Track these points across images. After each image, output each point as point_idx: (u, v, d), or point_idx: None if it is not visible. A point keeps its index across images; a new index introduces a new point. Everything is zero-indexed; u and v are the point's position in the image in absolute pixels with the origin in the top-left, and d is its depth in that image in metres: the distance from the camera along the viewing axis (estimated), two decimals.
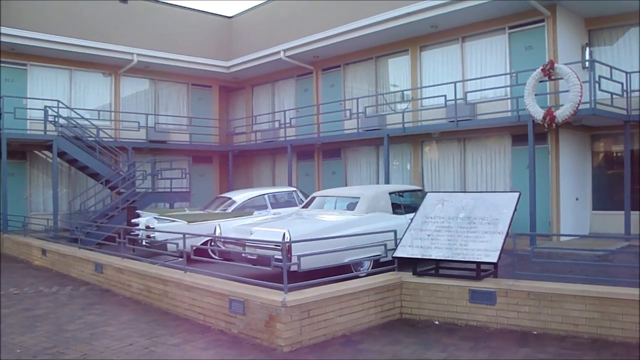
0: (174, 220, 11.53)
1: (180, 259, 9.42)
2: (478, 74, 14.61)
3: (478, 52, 14.84)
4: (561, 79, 11.81)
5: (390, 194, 10.54)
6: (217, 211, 12.68)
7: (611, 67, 12.25)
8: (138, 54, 17.71)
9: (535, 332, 6.11)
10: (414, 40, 15.97)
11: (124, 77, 18.76)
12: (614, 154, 14.39)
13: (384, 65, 17.20)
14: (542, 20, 13.33)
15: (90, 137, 15.95)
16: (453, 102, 13.84)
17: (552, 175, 13.18)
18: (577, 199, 13.76)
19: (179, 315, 7.20)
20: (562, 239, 12.53)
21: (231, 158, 19.75)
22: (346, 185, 17.67)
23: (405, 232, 7.30)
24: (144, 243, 11.40)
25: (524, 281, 6.40)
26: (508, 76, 13.86)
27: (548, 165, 13.22)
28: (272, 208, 13.01)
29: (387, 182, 15.32)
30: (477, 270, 6.58)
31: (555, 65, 11.66)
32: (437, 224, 7.10)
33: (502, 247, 6.43)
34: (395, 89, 16.71)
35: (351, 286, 6.36)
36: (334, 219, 9.67)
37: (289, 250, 8.28)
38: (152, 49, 18.04)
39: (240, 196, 13.07)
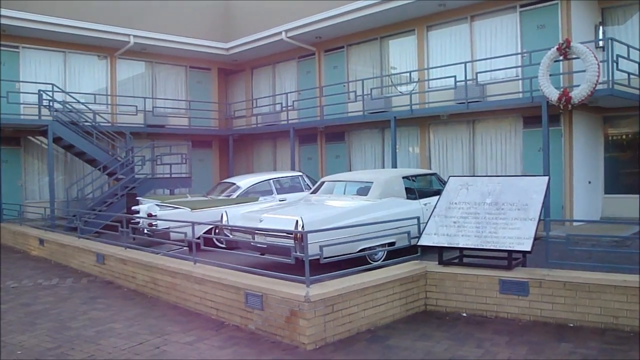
0: (177, 207, 11.08)
1: (186, 248, 9.09)
2: (487, 54, 14.13)
3: (488, 31, 14.35)
4: (577, 58, 11.36)
5: (403, 178, 10.13)
6: (220, 197, 12.24)
7: (628, 46, 11.79)
8: (135, 36, 17.11)
9: (571, 325, 5.75)
10: (421, 19, 15.46)
11: (120, 60, 18.16)
12: (627, 136, 14.01)
13: (389, 46, 16.68)
14: None
15: (87, 122, 15.42)
16: (462, 83, 13.40)
17: (565, 158, 12.79)
18: (589, 183, 13.40)
19: (189, 310, 6.80)
20: (575, 224, 12.18)
21: (231, 142, 19.26)
22: (350, 170, 17.28)
23: (429, 218, 6.90)
24: (145, 232, 10.96)
25: (559, 270, 6.02)
26: (519, 56, 13.39)
27: (561, 148, 12.81)
28: (278, 194, 12.58)
29: (394, 166, 14.91)
30: (509, 259, 6.20)
31: (572, 44, 11.21)
32: (463, 210, 6.69)
33: (535, 235, 6.03)
34: (401, 70, 16.19)
35: (376, 277, 5.97)
36: (347, 204, 9.26)
37: (302, 238, 7.93)
38: (149, 30, 17.42)
39: (244, 181, 12.62)
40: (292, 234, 7.77)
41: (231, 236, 9.41)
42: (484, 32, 14.41)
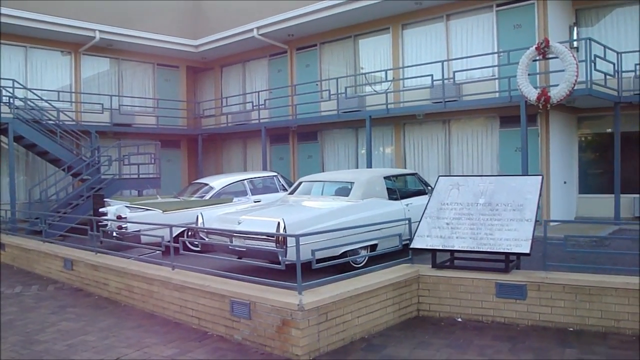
0: (148, 209, 10.58)
1: (158, 252, 8.65)
2: (463, 53, 14.03)
3: (464, 30, 14.24)
4: (555, 58, 11.30)
5: (384, 178, 9.88)
6: (193, 198, 11.78)
7: (605, 47, 11.83)
8: (100, 31, 16.40)
9: (571, 329, 5.56)
10: (396, 18, 15.26)
11: (85, 56, 17.41)
12: (600, 136, 14.10)
13: (363, 44, 16.43)
14: None
15: (50, 120, 14.71)
16: (438, 82, 13.27)
17: (542, 158, 12.76)
18: (565, 183, 13.42)
19: (167, 319, 6.37)
20: (552, 224, 12.14)
21: (200, 142, 18.74)
22: (323, 170, 17.01)
23: (421, 220, 6.63)
24: (114, 235, 10.43)
25: (557, 273, 5.83)
26: (495, 56, 13.31)
27: (538, 148, 12.78)
28: (252, 194, 12.18)
29: (369, 166, 14.69)
30: (506, 261, 5.98)
31: (551, 43, 11.14)
32: (456, 211, 6.46)
33: (533, 236, 5.83)
34: (375, 69, 15.96)
35: (370, 283, 5.66)
36: (328, 205, 8.94)
37: (285, 241, 7.60)
38: (116, 25, 16.76)
39: (218, 182, 12.18)
40: (273, 236, 7.45)
41: (207, 239, 9.02)
42: (460, 31, 14.30)
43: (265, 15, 16.65)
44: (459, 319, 6.02)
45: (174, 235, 9.90)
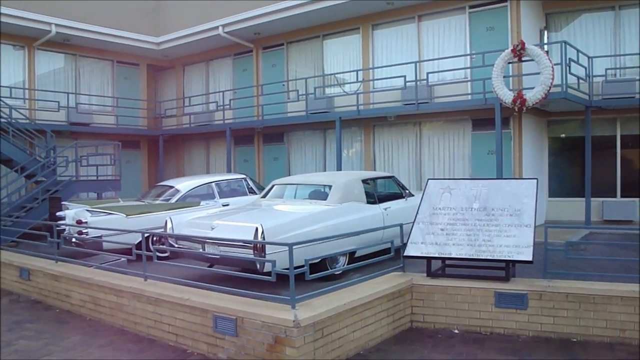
0: (110, 213, 9.93)
1: (123, 259, 8.07)
2: (435, 55, 13.85)
3: (436, 32, 14.06)
4: (530, 60, 11.20)
5: (362, 181, 9.52)
6: (158, 202, 11.15)
7: (578, 51, 11.82)
8: (57, 25, 15.47)
9: (575, 340, 5.30)
10: (366, 18, 14.97)
11: (40, 51, 16.41)
12: (570, 140, 14.15)
13: (332, 44, 16.06)
14: (505, 0, 12.71)
15: (2, 118, 13.75)
16: (410, 83, 13.05)
17: (515, 162, 12.67)
18: None
19: (140, 335, 5.81)
20: None
21: (162, 143, 17.99)
22: (290, 172, 16.59)
23: (413, 225, 6.28)
24: (73, 241, 9.72)
25: (560, 281, 5.57)
26: (468, 58, 13.17)
27: (510, 151, 12.68)
28: (220, 198, 11.64)
29: (338, 168, 14.35)
30: (507, 269, 5.68)
31: (527, 46, 11.04)
32: (450, 216, 6.14)
33: (534, 243, 5.56)
34: (344, 69, 15.60)
35: (365, 294, 5.26)
36: (306, 209, 8.51)
37: (263, 249, 7.15)
38: (73, 19, 15.87)
39: (184, 184, 11.57)
40: (252, 244, 7.01)
41: (176, 245, 8.47)
42: (432, 32, 14.11)
43: (231, 12, 16.09)
44: (456, 331, 5.69)
45: (136, 242, 9.53)
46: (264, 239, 7.20)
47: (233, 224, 7.84)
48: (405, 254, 6.05)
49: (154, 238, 9.92)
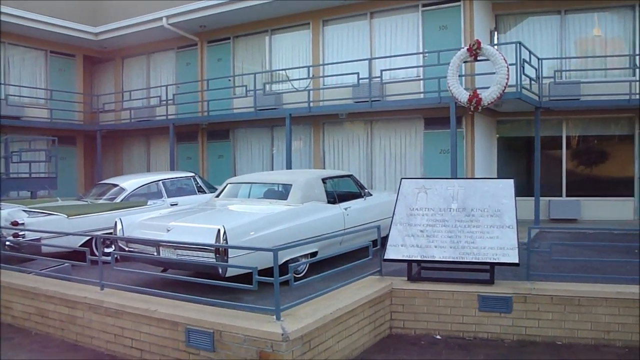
0: (49, 214, 9.14)
1: (67, 265, 7.39)
2: (388, 52, 13.72)
3: (388, 29, 13.93)
4: (486, 60, 11.23)
5: (323, 180, 9.20)
6: (101, 201, 10.41)
7: (530, 52, 11.97)
8: None
9: (560, 343, 5.19)
10: (316, 13, 14.65)
11: None
12: (518, 140, 14.40)
13: (280, 39, 15.63)
14: (458, 0, 12.73)
15: None
16: (362, 81, 12.86)
17: (467, 161, 12.71)
18: None
19: (97, 351, 5.22)
20: None
21: (99, 139, 16.99)
22: (235, 170, 16.09)
23: (391, 227, 6.01)
24: (7, 244, 8.86)
25: (544, 283, 5.45)
26: (420, 56, 13.11)
27: (463, 150, 12.70)
28: (168, 197, 11.01)
29: (288, 166, 13.99)
30: (491, 272, 5.50)
31: (482, 45, 11.06)
32: (428, 217, 5.90)
33: (519, 244, 5.41)
34: (293, 65, 15.22)
35: (350, 301, 4.93)
36: (267, 210, 8.10)
37: (226, 252, 6.72)
38: (2, 3, 14.67)
39: (129, 183, 10.86)
40: (212, 247, 6.57)
41: (127, 249, 7.87)
42: (384, 29, 13.97)
43: (175, 3, 15.36)
44: (438, 336, 5.46)
45: (79, 245, 8.82)
46: (226, 240, 6.78)
47: (191, 226, 7.35)
48: (385, 257, 5.76)
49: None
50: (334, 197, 9.13)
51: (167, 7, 15.49)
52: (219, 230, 6.78)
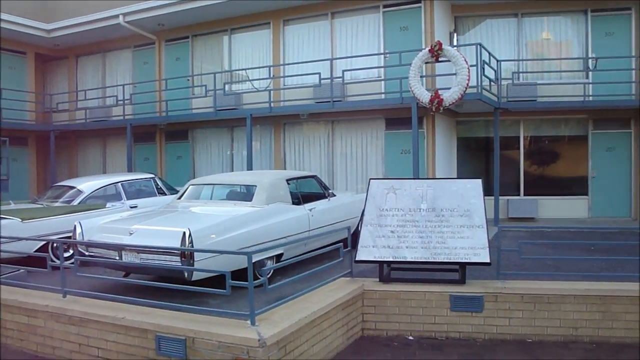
0: (2, 218, 8.75)
1: (22, 271, 7.08)
2: (349, 53, 13.70)
3: (349, 30, 13.91)
4: (447, 61, 11.35)
5: (287, 181, 9.11)
6: (58, 204, 10.04)
7: (490, 54, 12.18)
8: None
9: (530, 340, 5.26)
10: (277, 13, 14.53)
11: None
12: (477, 140, 14.63)
13: (240, 39, 15.42)
14: (419, 1, 12.84)
15: None
16: (325, 81, 12.81)
17: (429, 161, 12.82)
18: None
19: None
20: None
21: (53, 139, 16.41)
22: (194, 172, 15.81)
23: (362, 228, 5.97)
24: None
25: (514, 282, 5.52)
26: (381, 57, 13.17)
27: (424, 151, 12.81)
28: (127, 199, 10.71)
29: (249, 168, 13.83)
30: (463, 272, 5.53)
31: (443, 46, 11.17)
32: (398, 218, 5.90)
33: (489, 244, 5.46)
34: (253, 65, 15.05)
35: (323, 304, 4.86)
36: (232, 211, 7.95)
37: (192, 256, 6.55)
38: None
39: (87, 185, 10.50)
40: (177, 251, 6.40)
41: (87, 253, 7.58)
42: (345, 30, 13.95)
43: (133, 1, 14.97)
44: (411, 337, 5.46)
45: (34, 250, 8.47)
46: (191, 243, 6.61)
47: (155, 229, 7.13)
48: (356, 258, 5.72)
49: (55, 245, 8.89)
50: (299, 198, 9.03)
51: (124, 4, 15.09)
52: (184, 233, 6.60)
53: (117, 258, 7.10)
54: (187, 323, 4.34)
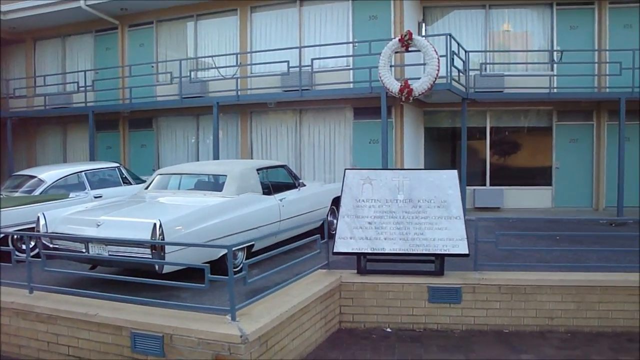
0: None
1: None
2: (317, 41, 13.59)
3: (318, 18, 13.78)
4: (417, 51, 11.33)
5: (257, 170, 8.96)
6: (18, 194, 9.65)
7: (459, 44, 12.22)
8: None
9: (506, 331, 5.30)
10: None
11: None
12: (445, 130, 14.73)
13: (206, 25, 15.09)
14: None
15: None
16: (293, 69, 12.68)
17: (397, 150, 12.84)
18: None
19: None
20: None
21: (9, 127, 15.78)
22: (159, 161, 15.49)
23: (338, 219, 5.89)
24: None
25: (492, 273, 5.53)
26: (350, 45, 13.08)
27: (392, 141, 12.82)
28: (91, 189, 10.38)
29: (215, 157, 13.62)
30: (441, 263, 5.51)
31: (414, 36, 11.14)
32: (375, 209, 5.84)
33: (467, 235, 5.45)
34: (220, 52, 14.75)
35: (302, 298, 4.77)
36: (202, 202, 7.77)
37: (162, 248, 6.37)
38: None
39: (49, 174, 10.11)
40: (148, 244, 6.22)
41: (51, 246, 7.30)
42: (314, 18, 13.80)
43: None
44: (389, 329, 5.43)
45: None
46: (162, 235, 6.41)
47: (124, 220, 6.90)
48: (335, 250, 5.64)
49: (16, 238, 8.56)
50: (269, 188, 8.90)
51: None
52: (155, 225, 6.40)
53: (84, 251, 6.88)
54: (164, 319, 4.19)
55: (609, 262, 6.75)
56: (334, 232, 5.96)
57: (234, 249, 4.54)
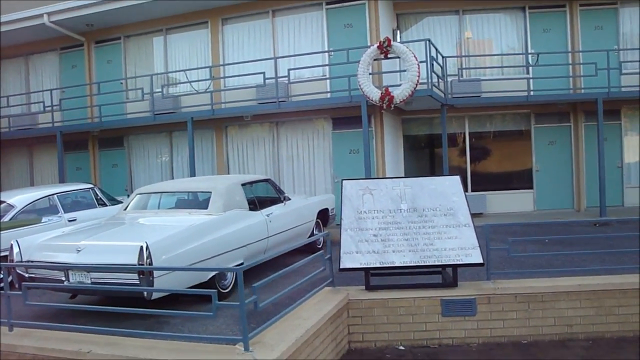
0: None
1: None
2: (292, 52, 13.31)
3: (292, 28, 13.50)
4: (397, 57, 11.18)
5: (242, 185, 8.60)
6: None
7: (437, 51, 12.12)
8: None
9: (524, 342, 5.05)
10: (215, 11, 13.91)
11: None
12: (420, 138, 14.62)
13: (176, 39, 14.66)
14: None
15: None
16: (269, 81, 12.36)
17: (378, 159, 12.61)
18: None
19: None
20: None
21: None
22: (132, 180, 14.95)
23: (341, 234, 5.58)
24: None
25: (506, 281, 5.29)
26: (326, 55, 12.86)
27: (373, 150, 12.59)
28: (65, 212, 9.83)
29: (192, 174, 13.17)
30: (454, 274, 5.24)
31: (392, 43, 10.99)
32: (379, 220, 5.56)
33: (479, 243, 5.21)
34: (191, 66, 14.34)
35: (315, 320, 4.44)
36: (188, 221, 7.35)
37: (151, 272, 5.95)
38: None
39: (19, 198, 9.51)
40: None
41: (27, 275, 6.78)
42: (287, 28, 13.53)
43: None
44: (402, 347, 5.12)
45: None
46: (150, 258, 5.98)
47: (107, 244, 6.45)
48: (341, 266, 5.32)
49: None
50: (255, 204, 8.55)
51: (48, 3, 14.01)
52: (141, 247, 5.97)
53: (64, 279, 6.39)
54: (168, 353, 3.80)
55: (608, 263, 6.58)
56: (319, 246, 5.68)
57: (242, 269, 4.17)
